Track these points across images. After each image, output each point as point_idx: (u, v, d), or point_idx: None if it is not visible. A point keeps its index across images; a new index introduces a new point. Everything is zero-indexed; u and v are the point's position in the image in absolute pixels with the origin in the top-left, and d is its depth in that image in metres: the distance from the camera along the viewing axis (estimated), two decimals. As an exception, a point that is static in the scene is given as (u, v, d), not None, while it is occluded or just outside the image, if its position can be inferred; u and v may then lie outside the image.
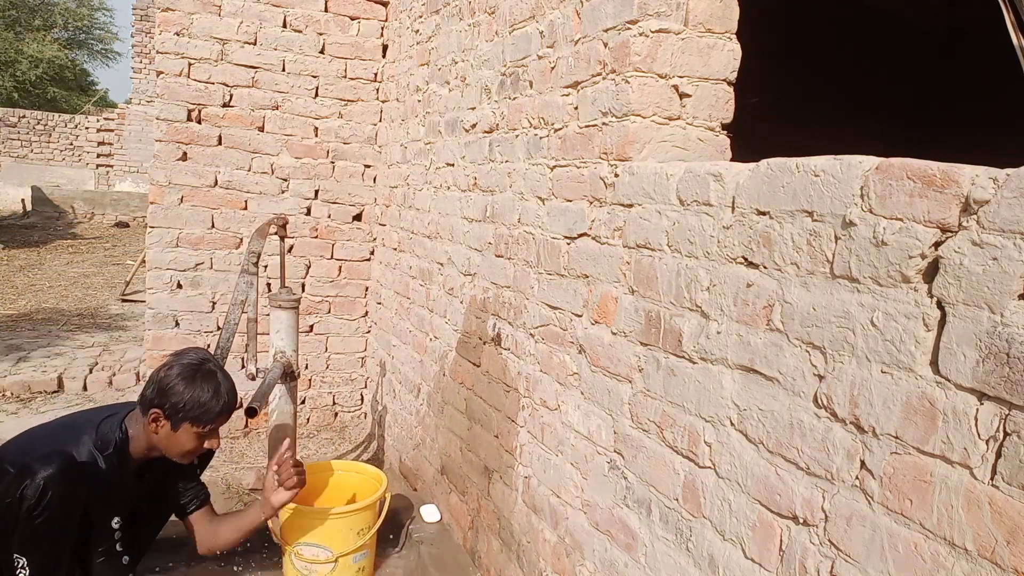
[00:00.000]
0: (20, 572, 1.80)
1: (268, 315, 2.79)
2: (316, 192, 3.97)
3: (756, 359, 1.28)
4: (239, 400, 2.07)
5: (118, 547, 1.97)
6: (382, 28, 3.96)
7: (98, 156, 15.74)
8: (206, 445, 1.98)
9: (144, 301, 4.07)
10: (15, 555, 1.80)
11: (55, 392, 4.53)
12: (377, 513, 2.42)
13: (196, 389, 1.89)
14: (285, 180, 3.91)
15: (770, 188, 1.26)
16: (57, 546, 1.83)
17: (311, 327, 4.03)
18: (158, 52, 3.69)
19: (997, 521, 0.88)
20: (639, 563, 1.61)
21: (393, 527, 2.76)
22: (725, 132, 1.79)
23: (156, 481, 2.12)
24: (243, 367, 2.67)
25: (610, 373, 1.75)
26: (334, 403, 4.18)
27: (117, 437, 1.93)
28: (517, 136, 2.28)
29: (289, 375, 2.67)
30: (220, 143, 3.78)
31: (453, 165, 2.86)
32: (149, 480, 2.08)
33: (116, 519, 1.96)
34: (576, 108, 1.94)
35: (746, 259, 1.32)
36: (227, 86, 3.75)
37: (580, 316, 1.89)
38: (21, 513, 1.76)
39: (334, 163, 3.99)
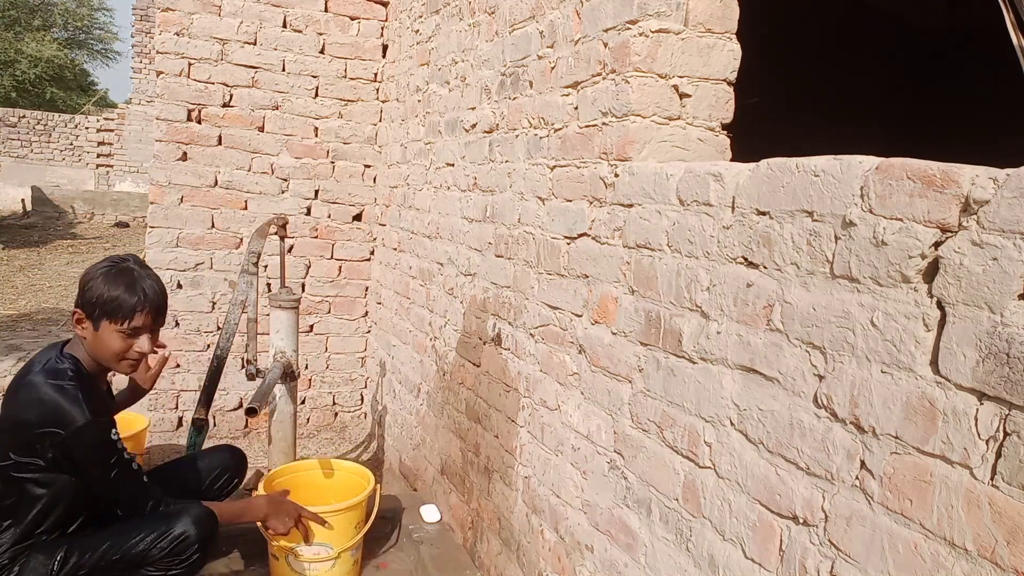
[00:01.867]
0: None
1: (268, 315, 2.79)
2: (316, 192, 3.97)
3: (756, 359, 1.28)
4: (166, 303, 2.01)
5: (125, 455, 1.93)
6: (382, 28, 3.96)
7: (98, 156, 15.73)
8: (135, 347, 1.93)
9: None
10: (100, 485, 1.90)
11: (55, 392, 4.53)
12: (368, 507, 2.45)
13: (110, 283, 1.89)
14: (285, 180, 3.91)
15: (770, 188, 1.27)
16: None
17: (311, 327, 4.03)
18: (158, 52, 3.69)
19: (997, 521, 0.88)
20: (639, 563, 1.61)
21: (393, 527, 2.76)
22: (725, 132, 1.79)
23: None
24: (243, 367, 2.67)
25: (610, 373, 1.75)
26: (334, 403, 4.18)
27: (65, 365, 1.90)
28: (517, 136, 2.29)
29: (289, 375, 2.67)
30: (220, 143, 3.78)
31: (453, 165, 2.86)
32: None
33: (113, 431, 1.93)
34: (576, 108, 1.94)
35: (746, 259, 1.32)
36: (227, 86, 3.75)
37: (580, 316, 1.89)
38: (160, 563, 1.89)
39: (334, 163, 3.99)
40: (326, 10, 3.86)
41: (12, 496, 1.86)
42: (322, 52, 3.88)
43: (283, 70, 3.83)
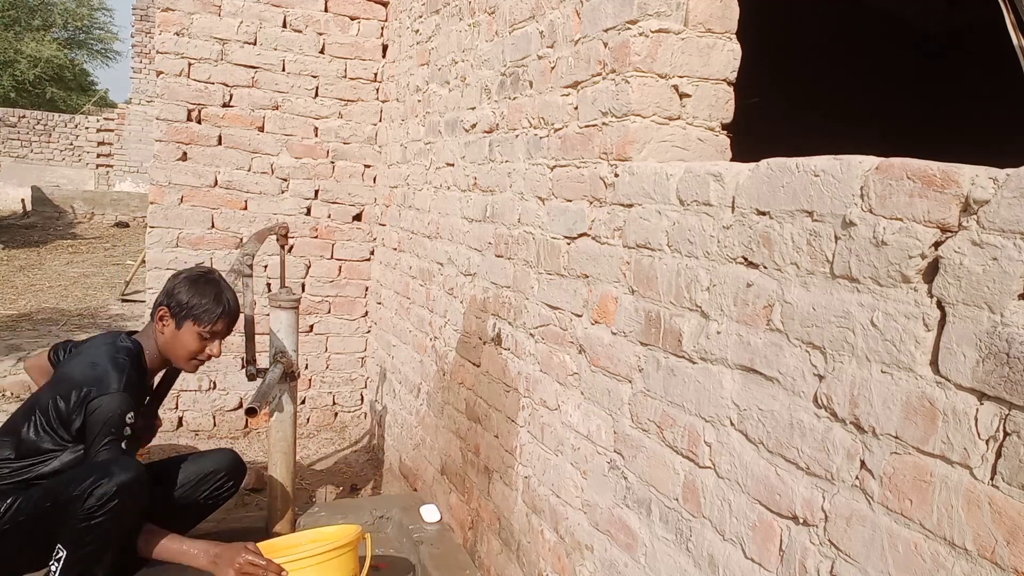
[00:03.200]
0: (53, 564, 1.91)
1: (268, 315, 2.79)
2: (316, 192, 3.97)
3: (756, 359, 1.28)
4: (239, 314, 2.21)
5: (123, 441, 2.02)
6: (382, 28, 3.96)
7: (98, 156, 15.74)
8: (207, 351, 2.15)
9: (144, 301, 4.07)
10: (57, 545, 1.92)
11: (55, 392, 4.53)
12: (359, 561, 2.16)
13: (199, 290, 2.11)
14: (285, 180, 3.91)
15: (770, 188, 1.27)
16: (101, 549, 1.94)
17: (311, 327, 4.03)
18: (158, 52, 3.69)
19: (997, 521, 0.88)
20: (639, 563, 1.61)
21: (393, 527, 2.76)
22: (725, 132, 1.79)
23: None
24: (243, 367, 2.67)
25: (610, 373, 1.75)
26: (334, 403, 4.18)
27: (127, 344, 2.11)
28: (517, 136, 2.29)
29: (289, 375, 2.67)
30: (220, 143, 3.78)
31: (453, 165, 2.86)
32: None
33: (131, 414, 2.04)
34: (576, 108, 1.94)
35: (746, 259, 1.32)
36: (227, 86, 3.76)
37: (580, 316, 1.89)
38: (80, 509, 1.88)
39: (334, 163, 3.99)
40: (326, 10, 3.86)
41: (18, 450, 2.03)
42: (322, 52, 3.88)
43: (283, 70, 3.83)
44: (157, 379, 2.40)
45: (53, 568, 1.92)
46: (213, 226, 3.80)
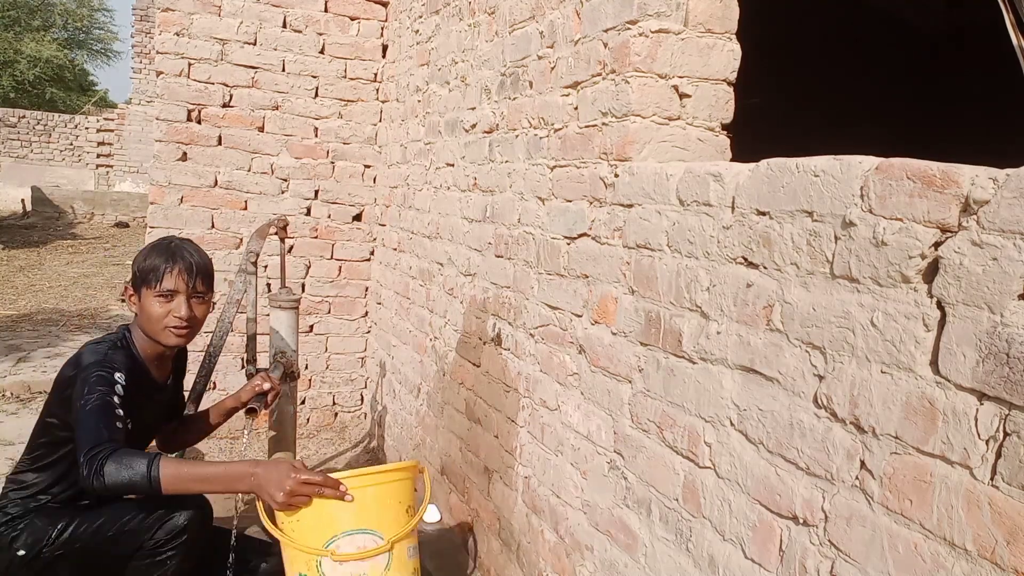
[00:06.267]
0: None
1: (268, 315, 2.79)
2: (316, 192, 3.97)
3: (756, 359, 1.28)
4: (207, 270, 1.99)
5: (114, 397, 1.78)
6: (382, 28, 3.96)
7: (98, 156, 15.74)
8: (171, 313, 1.90)
9: (144, 301, 4.06)
10: None
11: (55, 392, 4.53)
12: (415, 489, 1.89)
13: (148, 255, 1.94)
14: (285, 180, 3.91)
15: (770, 188, 1.27)
16: None
17: (311, 327, 4.03)
18: (158, 52, 3.69)
19: (997, 521, 0.88)
20: (639, 563, 1.61)
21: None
22: (725, 132, 1.79)
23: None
24: (243, 367, 2.67)
25: (610, 373, 1.75)
26: (334, 403, 4.18)
27: (111, 335, 1.97)
28: (517, 136, 2.29)
29: (289, 375, 2.67)
30: (220, 143, 3.78)
31: (453, 165, 2.86)
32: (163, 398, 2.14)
33: (119, 374, 1.83)
34: (576, 108, 1.94)
35: (746, 259, 1.32)
36: (227, 86, 3.75)
37: (580, 316, 1.89)
38: (147, 543, 1.83)
39: (334, 163, 3.99)
40: (326, 10, 3.86)
41: (46, 451, 1.93)
42: (322, 52, 3.88)
43: (283, 70, 3.83)
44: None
45: None
46: (213, 226, 3.80)
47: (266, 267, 3.83)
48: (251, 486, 1.68)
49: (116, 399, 1.76)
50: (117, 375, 1.81)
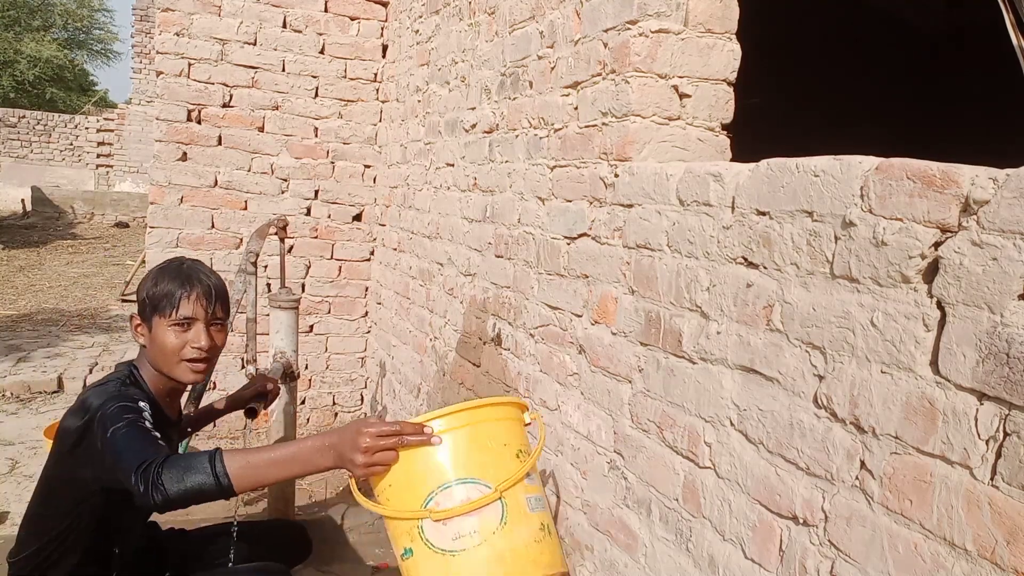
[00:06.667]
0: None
1: (268, 315, 2.79)
2: (316, 192, 3.97)
3: (756, 359, 1.28)
4: (225, 294, 1.80)
5: (144, 422, 1.57)
6: (382, 28, 3.96)
7: (98, 156, 15.74)
8: (189, 344, 1.69)
9: (144, 301, 4.07)
10: None
11: (55, 392, 4.54)
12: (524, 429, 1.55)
13: (158, 280, 1.72)
14: (285, 180, 3.91)
15: (770, 188, 1.27)
16: None
17: (311, 327, 4.03)
18: (158, 52, 3.69)
19: (997, 521, 0.88)
20: (639, 563, 1.61)
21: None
22: (725, 132, 1.79)
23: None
24: (243, 367, 2.67)
25: (610, 373, 1.75)
26: (334, 403, 4.18)
27: (116, 374, 1.72)
28: (517, 136, 2.29)
29: (289, 375, 2.67)
30: (220, 143, 3.78)
31: (453, 165, 2.86)
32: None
33: (142, 402, 1.63)
34: (576, 108, 1.94)
35: (746, 259, 1.32)
36: (227, 86, 3.75)
37: (580, 316, 1.89)
38: None
39: (334, 163, 3.99)
40: (326, 10, 3.86)
41: (45, 534, 1.68)
42: (322, 52, 3.88)
43: (283, 70, 3.83)
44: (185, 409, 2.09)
45: None
46: (213, 226, 3.80)
47: (266, 267, 3.83)
48: (334, 460, 1.42)
49: (148, 424, 1.56)
50: (141, 403, 1.61)
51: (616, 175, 1.74)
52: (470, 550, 1.32)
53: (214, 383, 3.97)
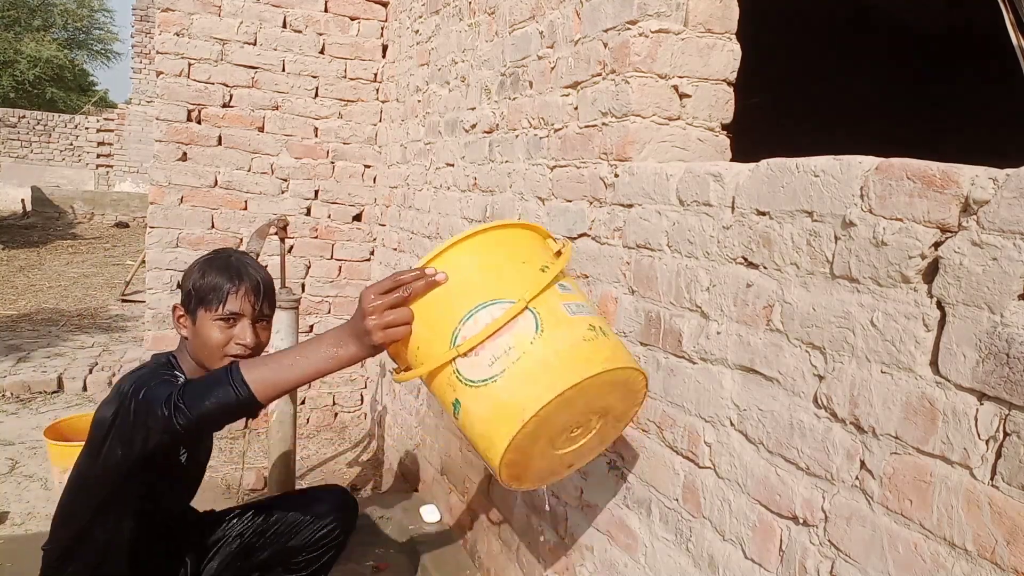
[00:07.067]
0: None
1: (268, 315, 2.79)
2: (316, 192, 3.97)
3: (756, 359, 1.28)
4: (272, 290, 1.77)
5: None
6: (382, 28, 3.96)
7: (98, 156, 15.75)
8: (235, 340, 1.66)
9: (144, 301, 4.07)
10: None
11: (55, 392, 4.53)
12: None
13: (205, 271, 1.69)
14: (285, 180, 3.91)
15: (770, 188, 1.27)
16: None
17: (311, 327, 4.03)
18: (158, 52, 3.69)
19: (997, 521, 0.88)
20: (639, 563, 1.61)
21: (393, 527, 2.76)
22: (725, 132, 1.79)
23: None
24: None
25: (610, 373, 1.74)
26: (334, 403, 4.18)
27: (151, 362, 1.72)
28: (517, 136, 2.29)
29: (289, 375, 2.67)
30: (220, 143, 3.78)
31: (453, 165, 2.86)
32: None
33: (179, 372, 1.68)
34: (576, 108, 1.94)
35: (746, 259, 1.32)
36: (227, 86, 3.76)
37: (580, 316, 1.89)
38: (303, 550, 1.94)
39: (334, 163, 3.99)
40: (326, 10, 3.86)
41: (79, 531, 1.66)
42: (322, 52, 3.88)
43: (283, 70, 3.83)
44: None
45: None
46: (213, 226, 3.80)
47: (266, 267, 3.83)
48: (350, 340, 1.38)
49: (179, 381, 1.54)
50: (178, 373, 1.62)
51: (616, 175, 1.74)
52: (510, 368, 1.20)
53: (214, 383, 3.97)
